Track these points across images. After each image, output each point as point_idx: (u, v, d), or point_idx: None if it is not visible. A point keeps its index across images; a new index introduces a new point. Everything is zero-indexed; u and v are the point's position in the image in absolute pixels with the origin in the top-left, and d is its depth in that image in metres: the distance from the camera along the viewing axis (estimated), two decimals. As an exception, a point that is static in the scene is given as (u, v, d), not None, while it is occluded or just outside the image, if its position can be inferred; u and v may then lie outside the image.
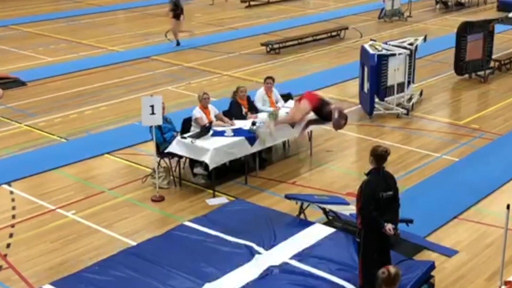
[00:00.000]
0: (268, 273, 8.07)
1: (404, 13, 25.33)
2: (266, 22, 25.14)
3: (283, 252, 8.53)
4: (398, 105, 14.81)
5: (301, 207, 9.71)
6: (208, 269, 8.20)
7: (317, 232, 9.10)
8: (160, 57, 19.75)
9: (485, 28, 17.40)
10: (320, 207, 9.66)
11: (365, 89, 14.48)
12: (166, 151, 11.07)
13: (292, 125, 10.49)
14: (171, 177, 11.29)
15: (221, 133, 11.09)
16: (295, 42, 21.03)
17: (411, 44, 15.20)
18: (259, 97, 12.36)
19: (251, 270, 8.14)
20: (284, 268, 8.18)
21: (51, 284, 8.08)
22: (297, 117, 9.54)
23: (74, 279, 8.09)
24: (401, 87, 14.85)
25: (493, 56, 17.83)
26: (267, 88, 12.40)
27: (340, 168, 11.85)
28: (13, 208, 10.55)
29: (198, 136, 10.89)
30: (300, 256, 8.43)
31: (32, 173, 11.73)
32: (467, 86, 17.02)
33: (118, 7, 27.89)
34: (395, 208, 7.50)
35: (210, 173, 10.97)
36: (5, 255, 9.11)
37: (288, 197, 9.95)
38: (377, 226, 7.25)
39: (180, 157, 11.22)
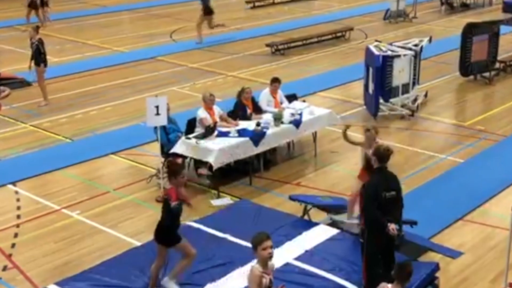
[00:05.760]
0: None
1: (409, 14, 25.29)
2: (271, 23, 25.12)
3: (287, 253, 8.53)
4: (403, 106, 14.79)
5: (305, 208, 9.72)
6: (212, 269, 8.22)
7: (321, 233, 9.11)
8: (165, 57, 19.77)
9: (490, 30, 17.38)
10: (324, 210, 9.67)
11: (370, 90, 14.46)
12: (170, 151, 11.07)
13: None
14: (176, 178, 11.28)
15: (225, 134, 11.09)
16: (300, 43, 21.02)
17: (416, 45, 15.19)
18: (264, 98, 12.36)
19: (255, 270, 8.14)
20: (288, 268, 8.18)
21: (56, 284, 8.10)
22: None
23: (78, 279, 8.10)
24: (406, 88, 14.83)
25: (498, 57, 17.80)
26: (273, 90, 12.40)
27: (344, 169, 11.84)
28: (18, 208, 10.57)
29: (202, 136, 10.90)
30: (304, 257, 8.45)
31: (37, 173, 11.75)
32: (472, 87, 17.00)
33: (123, 7, 27.92)
34: (398, 208, 7.50)
35: (214, 174, 10.98)
36: (10, 255, 9.13)
37: (292, 198, 9.94)
38: (380, 226, 7.25)
39: (185, 157, 11.23)
